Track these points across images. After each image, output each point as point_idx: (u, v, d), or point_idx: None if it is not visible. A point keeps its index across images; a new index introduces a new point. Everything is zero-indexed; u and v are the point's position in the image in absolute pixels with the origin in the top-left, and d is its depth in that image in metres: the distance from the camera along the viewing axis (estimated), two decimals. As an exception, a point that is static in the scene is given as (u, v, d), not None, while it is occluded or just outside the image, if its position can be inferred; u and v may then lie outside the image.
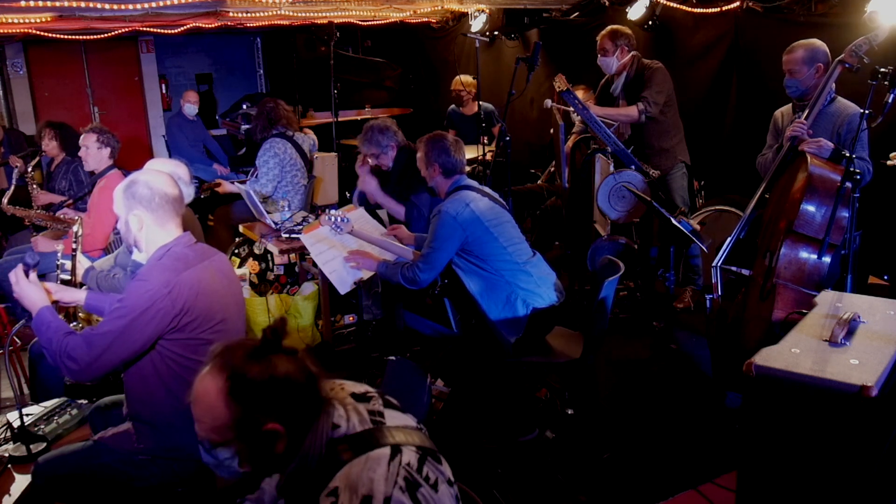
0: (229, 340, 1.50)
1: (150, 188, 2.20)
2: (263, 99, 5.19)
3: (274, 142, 4.85)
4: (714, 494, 2.80)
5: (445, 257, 3.13)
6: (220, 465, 1.49)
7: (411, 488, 1.41)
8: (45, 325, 2.13)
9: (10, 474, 2.38)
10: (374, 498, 1.36)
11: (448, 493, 1.48)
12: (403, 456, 1.44)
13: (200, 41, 9.45)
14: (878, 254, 3.82)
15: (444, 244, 3.10)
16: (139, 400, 2.23)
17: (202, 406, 1.44)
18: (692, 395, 3.60)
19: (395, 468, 1.41)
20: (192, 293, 2.12)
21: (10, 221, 5.17)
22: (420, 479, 1.43)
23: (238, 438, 1.43)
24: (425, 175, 3.36)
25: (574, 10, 6.09)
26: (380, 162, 4.20)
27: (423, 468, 1.46)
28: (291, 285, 4.67)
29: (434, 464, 1.50)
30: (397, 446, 1.45)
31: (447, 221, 3.08)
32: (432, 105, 8.30)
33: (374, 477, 1.38)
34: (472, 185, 3.27)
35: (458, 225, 3.08)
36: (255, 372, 1.40)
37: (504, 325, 3.10)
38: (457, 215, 3.08)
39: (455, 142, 3.31)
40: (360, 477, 1.38)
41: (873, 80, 2.85)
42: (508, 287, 3.09)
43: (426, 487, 1.44)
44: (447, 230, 3.09)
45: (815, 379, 1.87)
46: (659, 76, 4.40)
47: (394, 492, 1.38)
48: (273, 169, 4.79)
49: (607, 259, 3.17)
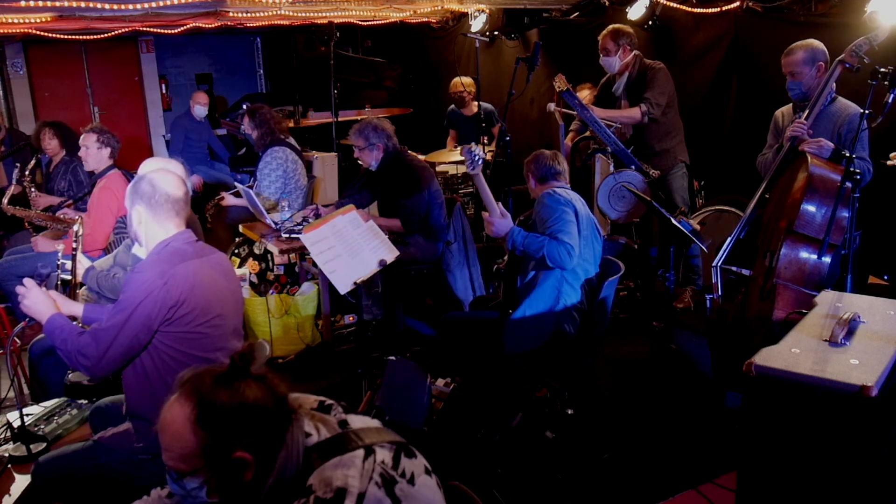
0: (196, 368, 1.47)
1: (153, 186, 2.23)
2: (253, 107, 5.09)
3: (275, 151, 4.82)
4: (714, 494, 2.80)
5: (573, 225, 3.07)
6: (188, 495, 1.44)
7: (388, 484, 1.41)
8: (58, 328, 2.18)
9: (10, 474, 2.38)
10: (349, 492, 1.35)
11: (427, 484, 1.49)
12: (377, 455, 1.44)
13: (200, 41, 9.44)
14: (878, 254, 3.82)
15: (565, 214, 3.06)
16: (138, 396, 2.24)
17: (169, 434, 1.40)
18: (692, 395, 3.60)
19: (370, 465, 1.41)
20: (187, 285, 2.14)
21: (10, 221, 5.17)
22: (396, 475, 1.44)
23: (206, 467, 1.39)
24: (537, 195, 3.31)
25: (574, 10, 6.09)
26: (361, 156, 4.24)
27: (399, 464, 1.46)
28: (291, 285, 4.67)
29: (408, 458, 1.50)
30: (370, 447, 1.45)
31: (557, 198, 3.10)
32: (432, 105, 8.30)
33: (349, 473, 1.38)
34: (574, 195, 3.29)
35: (569, 202, 3.11)
36: (223, 398, 1.37)
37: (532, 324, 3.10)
38: (567, 197, 3.13)
39: (553, 154, 3.36)
40: (334, 473, 1.38)
41: (873, 80, 2.84)
42: (558, 283, 3.10)
43: (403, 483, 1.44)
44: (561, 203, 3.09)
45: (815, 379, 1.87)
46: (661, 77, 4.40)
47: (369, 487, 1.38)
48: (277, 180, 4.78)
49: (607, 259, 3.17)
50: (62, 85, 8.91)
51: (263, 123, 4.90)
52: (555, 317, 3.07)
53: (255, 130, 4.93)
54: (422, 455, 1.55)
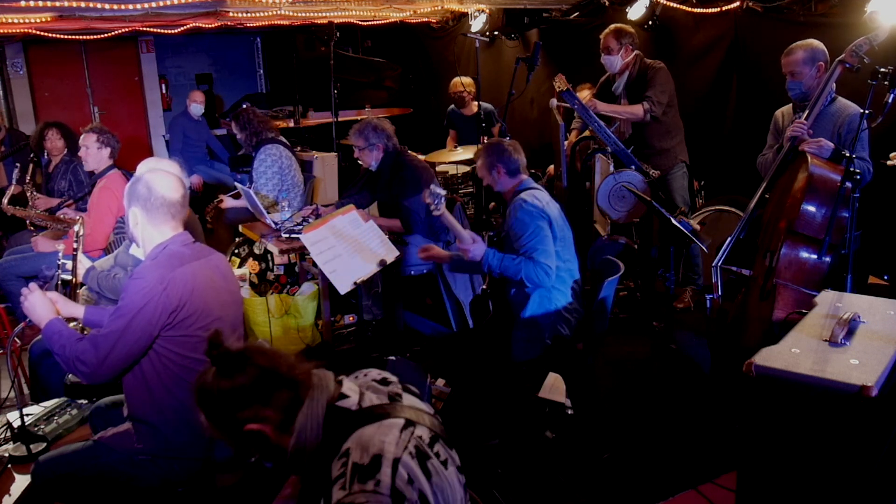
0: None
1: (149, 188, 2.22)
2: (238, 111, 5.12)
3: (267, 149, 4.82)
4: (714, 494, 2.80)
5: (549, 240, 3.04)
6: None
7: (421, 457, 1.44)
8: (56, 334, 2.17)
9: (10, 474, 2.38)
10: (384, 457, 1.40)
11: (456, 476, 1.52)
12: (416, 429, 1.49)
13: (200, 41, 9.44)
14: (878, 254, 3.82)
15: (540, 230, 3.03)
16: (138, 400, 2.23)
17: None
18: (692, 395, 3.60)
19: (408, 436, 1.46)
20: (187, 289, 2.14)
21: (10, 221, 5.16)
22: (430, 452, 1.48)
23: (228, 438, 1.55)
24: (490, 181, 3.29)
25: (574, 10, 6.09)
26: (361, 156, 4.24)
27: (435, 446, 1.50)
28: (291, 285, 4.67)
29: (444, 447, 1.54)
30: (411, 420, 1.50)
31: (531, 210, 3.04)
32: (432, 105, 8.30)
33: (386, 440, 1.43)
34: (539, 188, 3.24)
35: (543, 212, 3.05)
36: (218, 385, 1.52)
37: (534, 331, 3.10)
38: (541, 205, 3.06)
39: (511, 143, 3.28)
40: (371, 438, 1.44)
41: (873, 80, 2.84)
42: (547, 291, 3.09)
43: (436, 461, 1.47)
44: (535, 216, 3.03)
45: (815, 379, 1.87)
46: (662, 76, 4.41)
47: (403, 455, 1.42)
48: (273, 177, 4.78)
49: (607, 259, 3.17)
50: (62, 85, 8.91)
51: (248, 124, 4.92)
52: (552, 321, 3.08)
53: (241, 132, 4.96)
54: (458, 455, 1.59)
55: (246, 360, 1.53)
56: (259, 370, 1.51)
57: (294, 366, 1.55)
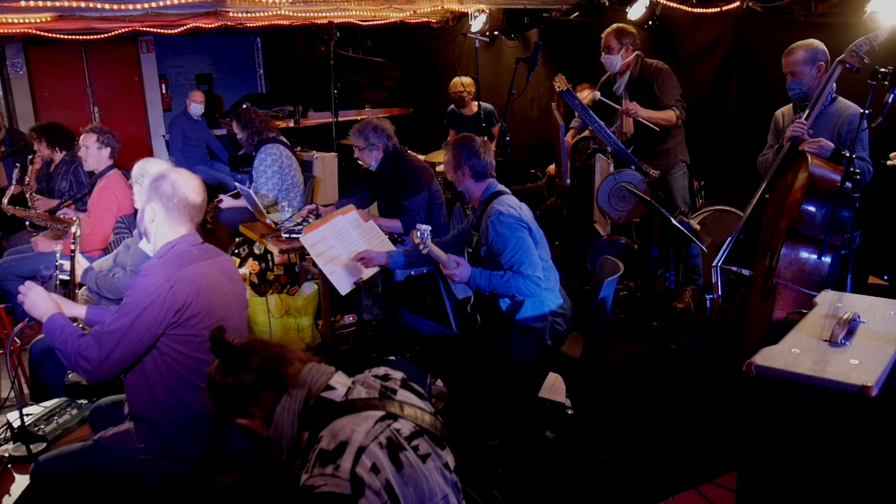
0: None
1: (173, 188, 2.22)
2: (239, 111, 5.12)
3: (268, 148, 4.83)
4: (714, 494, 2.80)
5: (532, 250, 2.95)
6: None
7: (392, 447, 1.46)
8: (58, 328, 2.15)
9: (10, 474, 2.38)
10: (349, 445, 1.43)
11: (439, 472, 1.52)
12: (396, 423, 1.50)
13: (200, 41, 9.44)
14: (878, 254, 3.82)
15: (522, 242, 2.93)
16: (140, 399, 2.23)
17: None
18: (692, 396, 3.60)
19: (382, 427, 1.48)
20: (193, 288, 2.13)
21: (10, 221, 5.16)
22: (406, 444, 1.48)
23: (234, 424, 1.66)
24: (453, 179, 3.17)
25: (574, 10, 6.09)
26: (361, 156, 4.24)
27: (415, 440, 1.51)
28: (291, 285, 4.67)
29: (432, 445, 1.54)
30: (392, 414, 1.52)
31: (511, 222, 2.93)
32: (432, 105, 8.30)
33: (357, 429, 1.46)
34: (506, 190, 3.14)
35: (522, 221, 2.96)
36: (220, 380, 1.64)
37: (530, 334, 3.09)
38: (517, 213, 2.96)
39: (483, 143, 3.14)
40: (343, 427, 1.47)
41: (873, 80, 2.84)
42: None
43: (411, 454, 1.48)
44: (515, 228, 2.93)
45: (815, 379, 1.87)
46: (669, 78, 4.42)
47: (371, 445, 1.44)
48: (273, 177, 4.78)
49: (607, 259, 3.17)
50: (62, 85, 8.92)
51: (250, 124, 4.93)
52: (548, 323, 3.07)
53: (242, 132, 4.97)
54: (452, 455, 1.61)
55: (245, 359, 1.59)
56: (253, 374, 1.60)
57: (290, 363, 1.63)
